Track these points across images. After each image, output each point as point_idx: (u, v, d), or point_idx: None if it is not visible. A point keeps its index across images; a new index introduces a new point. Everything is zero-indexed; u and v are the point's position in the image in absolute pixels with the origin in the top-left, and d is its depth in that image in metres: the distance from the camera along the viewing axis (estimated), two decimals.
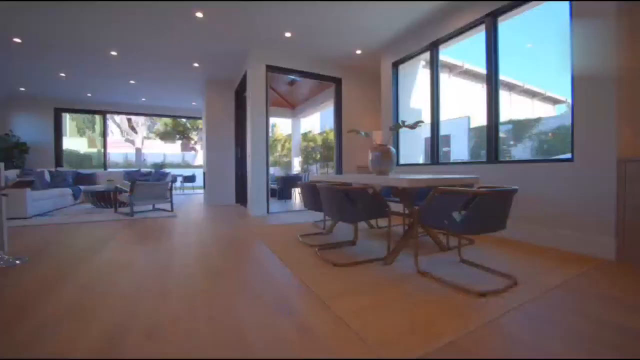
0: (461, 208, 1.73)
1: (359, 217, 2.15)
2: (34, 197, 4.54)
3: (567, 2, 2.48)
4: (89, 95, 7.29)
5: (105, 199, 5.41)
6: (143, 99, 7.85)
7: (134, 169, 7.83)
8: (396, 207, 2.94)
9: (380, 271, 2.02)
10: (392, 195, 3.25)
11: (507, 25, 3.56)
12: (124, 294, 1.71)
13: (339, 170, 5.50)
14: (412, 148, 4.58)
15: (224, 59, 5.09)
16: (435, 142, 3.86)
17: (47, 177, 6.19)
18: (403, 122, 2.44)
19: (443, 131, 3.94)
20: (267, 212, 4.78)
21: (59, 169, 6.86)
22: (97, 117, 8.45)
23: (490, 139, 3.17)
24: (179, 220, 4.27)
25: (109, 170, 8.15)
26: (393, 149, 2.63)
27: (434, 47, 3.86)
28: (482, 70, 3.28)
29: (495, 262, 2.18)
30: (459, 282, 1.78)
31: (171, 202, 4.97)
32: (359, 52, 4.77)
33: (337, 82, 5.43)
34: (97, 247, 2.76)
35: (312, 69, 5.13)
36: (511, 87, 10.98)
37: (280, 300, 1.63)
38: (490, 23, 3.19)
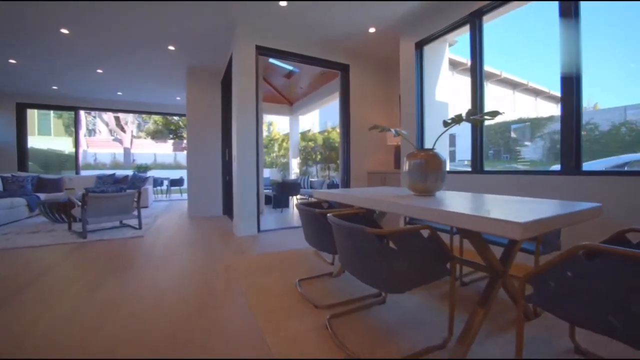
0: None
1: (407, 284, 1.18)
2: None
3: None
4: (55, 88, 6.28)
5: (64, 212, 4.44)
6: (119, 93, 6.86)
7: (108, 173, 6.86)
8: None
9: None
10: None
11: (504, 20, 2.93)
12: None
13: (346, 176, 4.55)
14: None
15: (205, 39, 4.11)
16: (479, 143, 2.92)
17: None
18: (471, 111, 1.48)
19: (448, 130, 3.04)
20: (258, 230, 3.83)
21: (18, 173, 5.86)
22: (83, 114, 7.43)
23: (568, 138, 2.23)
24: (143, 245, 3.31)
25: (81, 174, 7.15)
26: (443, 156, 1.69)
27: (476, 19, 2.92)
28: (487, 67, 2.49)
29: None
30: None
31: (139, 217, 4.00)
32: (372, 30, 3.81)
33: (344, 69, 4.47)
34: None
35: (313, 53, 4.17)
36: (515, 85, 10.37)
37: None
38: None
